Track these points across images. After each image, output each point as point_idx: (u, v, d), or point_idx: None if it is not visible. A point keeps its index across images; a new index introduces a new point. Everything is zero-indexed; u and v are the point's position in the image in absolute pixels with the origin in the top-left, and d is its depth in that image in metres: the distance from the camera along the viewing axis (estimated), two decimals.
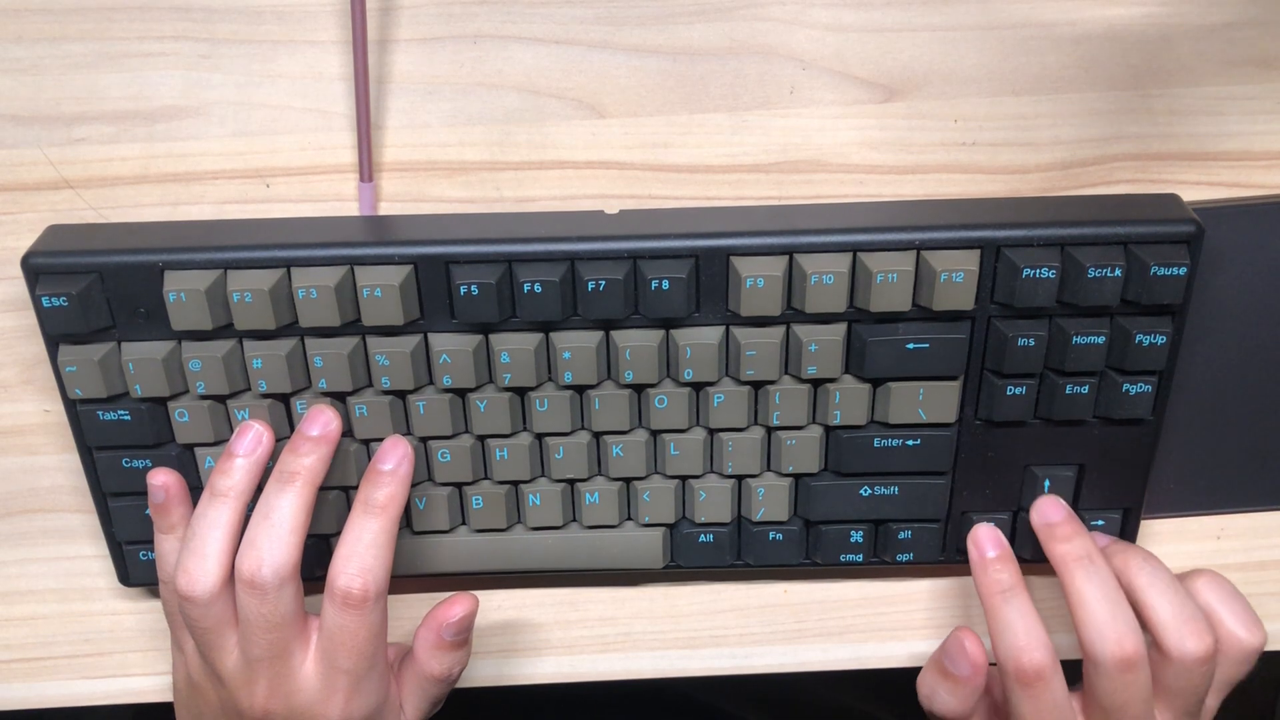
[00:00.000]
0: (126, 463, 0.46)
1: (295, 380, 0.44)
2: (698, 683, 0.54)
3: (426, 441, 0.46)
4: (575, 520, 0.48)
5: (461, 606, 0.45)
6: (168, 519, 0.44)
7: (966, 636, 0.45)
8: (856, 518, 0.47)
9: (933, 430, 0.46)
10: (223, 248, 0.42)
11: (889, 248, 0.42)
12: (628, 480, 0.47)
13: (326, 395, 0.45)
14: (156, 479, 0.44)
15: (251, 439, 0.43)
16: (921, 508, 0.47)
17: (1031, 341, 0.43)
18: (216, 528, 0.42)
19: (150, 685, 0.52)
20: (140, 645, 0.52)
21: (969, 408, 0.45)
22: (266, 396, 0.45)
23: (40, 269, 0.43)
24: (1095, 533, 0.47)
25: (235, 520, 0.42)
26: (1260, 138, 0.46)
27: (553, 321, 0.43)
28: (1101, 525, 0.47)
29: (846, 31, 0.45)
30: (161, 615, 0.51)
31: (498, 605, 0.52)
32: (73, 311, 0.42)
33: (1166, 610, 0.43)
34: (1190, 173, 0.47)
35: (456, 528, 0.48)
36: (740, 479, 0.47)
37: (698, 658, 0.52)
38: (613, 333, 0.44)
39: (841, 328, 0.44)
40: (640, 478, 0.47)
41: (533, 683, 0.52)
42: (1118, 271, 0.42)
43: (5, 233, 0.47)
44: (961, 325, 0.44)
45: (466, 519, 0.48)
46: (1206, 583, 0.45)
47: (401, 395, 0.45)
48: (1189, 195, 0.46)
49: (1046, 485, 0.47)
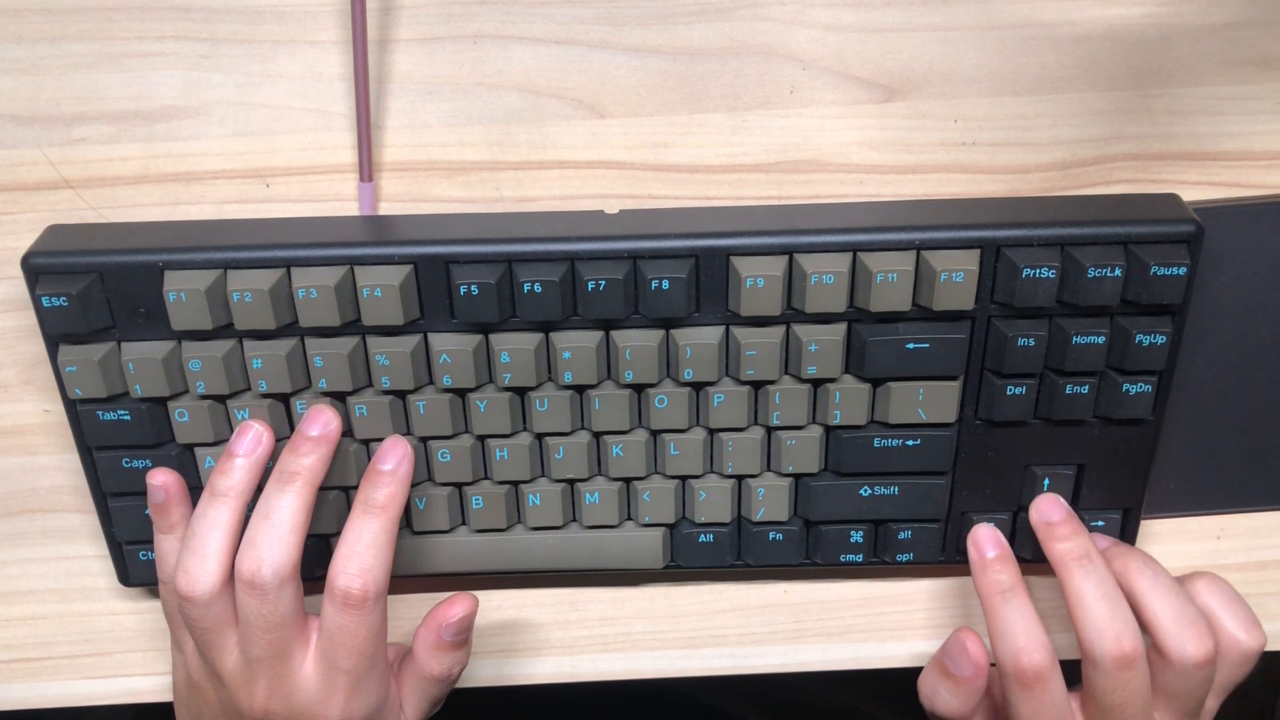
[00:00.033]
0: (126, 463, 0.46)
1: (295, 380, 0.44)
2: (698, 683, 0.54)
3: (426, 441, 0.46)
4: (575, 520, 0.48)
5: (461, 607, 0.45)
6: (167, 519, 0.44)
7: (968, 637, 0.45)
8: (856, 518, 0.47)
9: (933, 430, 0.46)
10: (223, 248, 0.42)
11: (889, 248, 0.42)
12: (628, 480, 0.47)
13: (326, 395, 0.45)
14: (156, 479, 0.44)
15: (251, 439, 0.43)
16: (921, 508, 0.47)
17: (1031, 341, 0.43)
18: (216, 528, 0.42)
19: (150, 685, 0.52)
20: (140, 645, 0.52)
21: (969, 408, 0.45)
22: (266, 396, 0.45)
23: (40, 269, 0.43)
24: (1096, 535, 0.47)
25: (235, 520, 0.42)
26: (1260, 138, 0.46)
27: (553, 321, 0.43)
28: (1101, 525, 0.47)
29: (846, 31, 0.45)
30: (161, 615, 0.51)
31: (498, 605, 0.52)
32: (73, 311, 0.42)
33: (1166, 613, 0.43)
34: (1190, 173, 0.47)
35: (456, 528, 0.48)
36: (740, 479, 0.47)
37: (698, 658, 0.52)
38: (613, 333, 0.44)
39: (841, 328, 0.44)
40: (640, 478, 0.47)
41: (533, 683, 0.52)
42: (1118, 271, 0.42)
43: (5, 233, 0.47)
44: (961, 325, 0.44)
45: (466, 519, 0.48)
46: (1206, 585, 0.45)
47: (401, 395, 0.45)
48: (1189, 195, 0.46)
49: (1046, 485, 0.47)
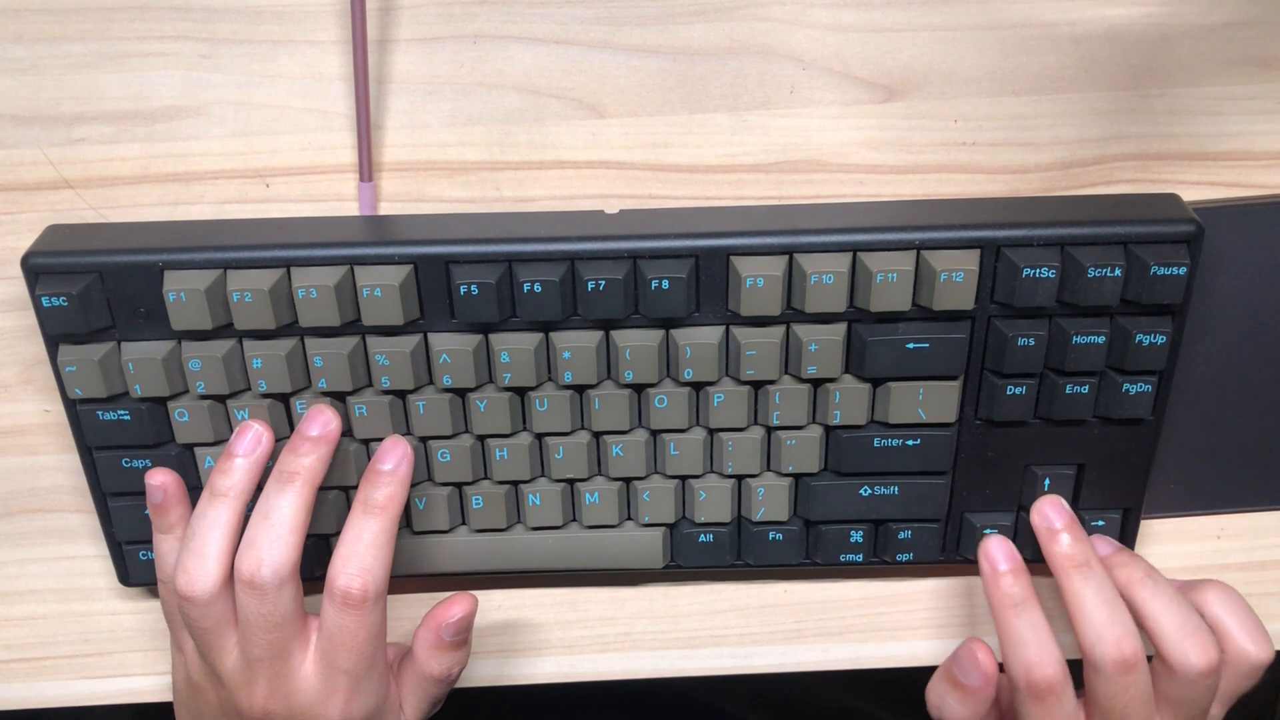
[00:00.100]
0: (126, 463, 0.46)
1: (295, 380, 0.44)
2: (698, 683, 0.54)
3: (426, 441, 0.46)
4: (575, 520, 0.48)
5: (461, 607, 0.45)
6: (166, 519, 0.44)
7: (979, 648, 0.44)
8: (856, 518, 0.47)
9: (933, 430, 0.46)
10: (223, 248, 0.42)
11: (889, 247, 0.42)
12: (628, 480, 0.47)
13: (326, 395, 0.45)
14: (155, 479, 0.44)
15: (251, 439, 0.43)
16: (921, 508, 0.47)
17: (1031, 341, 0.43)
18: (216, 528, 0.42)
19: (150, 685, 0.52)
20: (140, 645, 0.52)
21: (969, 407, 0.45)
22: (266, 396, 0.45)
23: (40, 269, 0.43)
24: (1097, 538, 0.47)
25: (235, 520, 0.42)
26: (1260, 138, 0.46)
27: (553, 321, 0.43)
28: (1101, 525, 0.47)
29: (846, 31, 0.45)
30: (161, 615, 0.51)
31: (498, 605, 0.52)
32: (73, 311, 0.42)
33: (1169, 623, 0.43)
34: (1190, 173, 0.47)
35: (456, 528, 0.48)
36: (740, 479, 0.47)
37: (698, 658, 0.52)
38: (613, 332, 0.44)
39: (841, 327, 0.44)
40: (640, 478, 0.47)
41: (533, 683, 0.52)
42: (1118, 271, 0.42)
43: (5, 233, 0.47)
44: (961, 325, 0.43)
45: (466, 519, 0.48)
46: (1216, 595, 0.45)
47: (401, 395, 0.45)
48: (1189, 195, 0.46)
49: (1046, 485, 0.46)
